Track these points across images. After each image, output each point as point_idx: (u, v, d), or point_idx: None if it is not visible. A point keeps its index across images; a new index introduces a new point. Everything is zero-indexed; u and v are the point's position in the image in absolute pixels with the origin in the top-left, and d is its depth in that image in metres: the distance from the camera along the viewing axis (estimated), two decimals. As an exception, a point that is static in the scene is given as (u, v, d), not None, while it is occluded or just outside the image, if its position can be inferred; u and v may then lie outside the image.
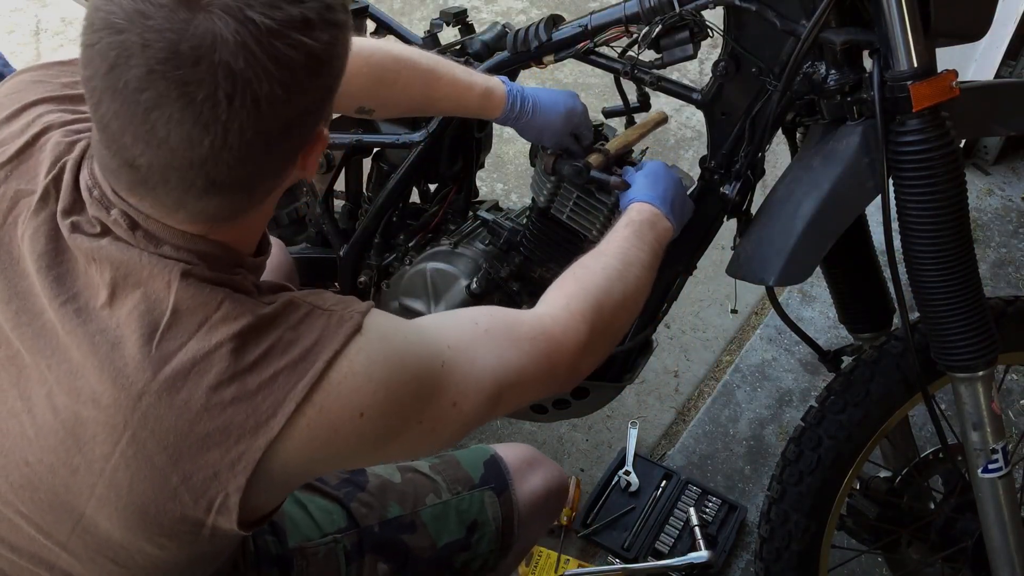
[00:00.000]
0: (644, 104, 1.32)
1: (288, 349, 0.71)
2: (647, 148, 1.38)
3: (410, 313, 1.39)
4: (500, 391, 0.83)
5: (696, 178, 1.27)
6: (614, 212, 1.23)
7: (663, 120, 1.34)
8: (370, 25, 1.58)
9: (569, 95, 1.24)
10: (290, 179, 0.75)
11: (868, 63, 1.02)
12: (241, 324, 0.70)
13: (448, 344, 0.80)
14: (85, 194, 0.73)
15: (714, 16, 1.10)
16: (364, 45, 1.11)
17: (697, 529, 1.70)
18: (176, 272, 0.70)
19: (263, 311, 0.72)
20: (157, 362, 0.68)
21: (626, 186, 1.18)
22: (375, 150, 1.51)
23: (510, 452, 1.17)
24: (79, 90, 0.78)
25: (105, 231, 0.71)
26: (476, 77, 1.18)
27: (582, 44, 1.21)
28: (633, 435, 1.87)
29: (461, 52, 1.38)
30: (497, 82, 1.20)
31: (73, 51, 0.83)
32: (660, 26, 1.10)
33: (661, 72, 1.19)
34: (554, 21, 1.24)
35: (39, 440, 0.72)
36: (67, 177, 0.74)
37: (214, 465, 0.69)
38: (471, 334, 0.84)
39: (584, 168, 1.20)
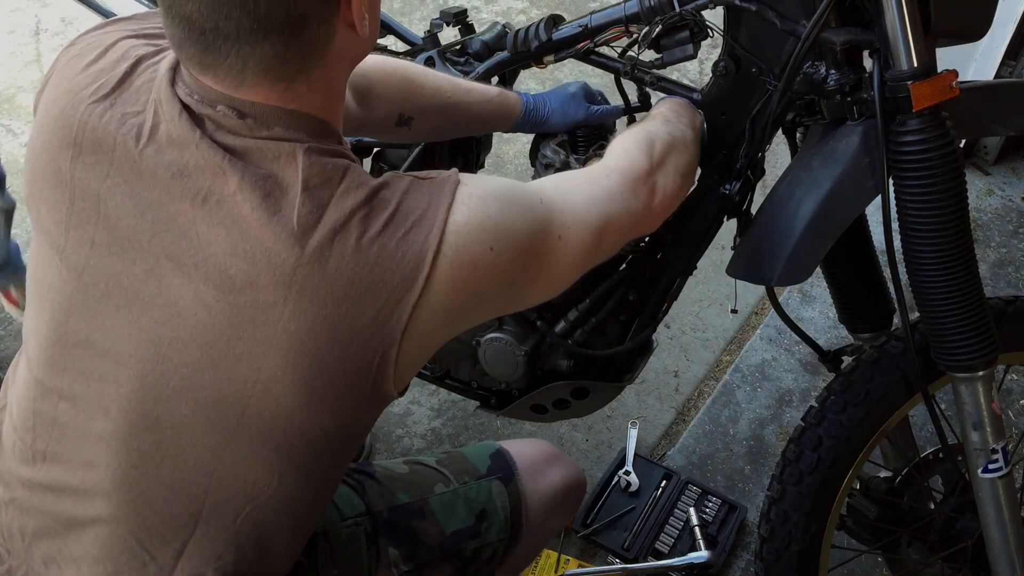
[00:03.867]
0: (645, 103, 1.32)
1: (410, 210, 0.76)
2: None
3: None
4: (600, 224, 0.90)
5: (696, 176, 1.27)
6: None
7: None
8: (370, 25, 1.58)
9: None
10: (340, 34, 0.77)
11: (868, 63, 1.02)
12: (364, 192, 0.76)
13: (539, 188, 0.88)
14: (187, 100, 0.77)
15: (714, 16, 1.10)
16: (388, 59, 1.20)
17: (697, 529, 1.70)
18: (299, 151, 0.75)
19: (375, 181, 0.78)
20: (302, 237, 0.73)
21: None
22: (375, 150, 1.51)
23: (525, 447, 1.19)
24: (152, 30, 0.87)
25: (218, 127, 0.76)
26: (480, 86, 1.26)
27: (582, 44, 1.21)
28: (633, 435, 1.88)
29: (461, 52, 1.37)
30: (503, 89, 1.26)
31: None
32: (660, 26, 1.10)
33: (661, 72, 1.20)
34: (554, 21, 1.25)
35: (196, 339, 0.76)
36: (165, 93, 0.78)
37: (370, 325, 0.74)
38: (553, 182, 0.92)
39: None
